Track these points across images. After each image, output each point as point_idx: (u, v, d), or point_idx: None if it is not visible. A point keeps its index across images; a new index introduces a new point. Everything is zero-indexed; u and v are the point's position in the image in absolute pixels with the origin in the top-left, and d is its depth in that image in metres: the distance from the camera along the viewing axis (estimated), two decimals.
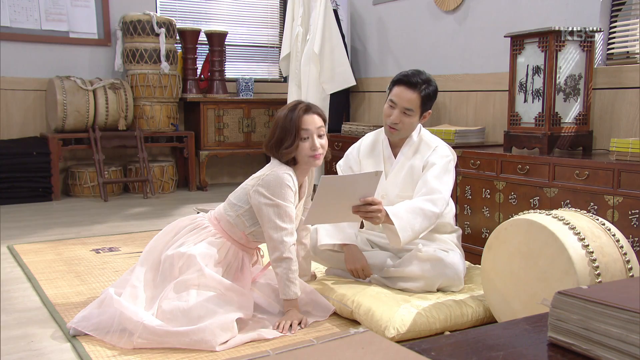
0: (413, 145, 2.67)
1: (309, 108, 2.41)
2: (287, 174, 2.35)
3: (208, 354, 2.09)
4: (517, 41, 3.33)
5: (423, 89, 2.58)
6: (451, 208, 2.74)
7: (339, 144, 4.64)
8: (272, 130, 2.43)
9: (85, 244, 3.67)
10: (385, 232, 2.44)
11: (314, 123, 2.38)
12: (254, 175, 2.43)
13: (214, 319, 2.16)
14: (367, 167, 2.77)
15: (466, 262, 2.81)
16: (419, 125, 2.71)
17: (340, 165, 2.85)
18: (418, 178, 2.60)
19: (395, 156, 2.71)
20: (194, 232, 2.43)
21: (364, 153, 2.80)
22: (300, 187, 2.48)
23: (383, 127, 2.74)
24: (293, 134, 2.36)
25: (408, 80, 2.58)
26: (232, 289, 2.30)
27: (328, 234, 2.67)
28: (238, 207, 2.41)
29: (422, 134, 2.70)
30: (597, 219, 2.06)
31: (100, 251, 3.49)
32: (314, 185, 2.57)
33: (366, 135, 2.86)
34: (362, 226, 2.88)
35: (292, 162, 2.41)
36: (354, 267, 2.62)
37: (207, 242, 2.38)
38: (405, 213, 2.38)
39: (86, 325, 2.22)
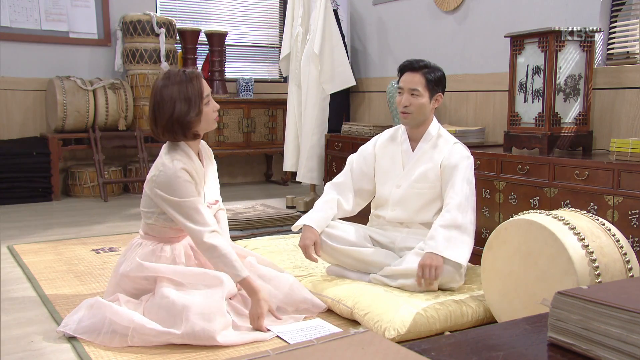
0: (431, 140, 2.75)
1: (199, 74, 2.43)
2: (181, 170, 2.32)
3: (208, 353, 2.09)
4: (517, 41, 3.33)
5: (426, 72, 2.70)
6: None
7: (339, 144, 4.63)
8: (165, 107, 2.34)
9: (85, 244, 3.67)
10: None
11: (209, 88, 2.46)
12: (147, 179, 2.43)
13: (199, 309, 2.14)
14: (382, 159, 2.83)
15: None
16: (438, 124, 2.79)
17: (353, 158, 2.89)
18: (434, 173, 2.68)
19: (413, 150, 2.77)
20: (132, 251, 2.43)
21: (380, 146, 2.86)
22: (197, 154, 2.49)
23: (399, 124, 2.85)
24: (198, 102, 2.37)
25: (410, 65, 2.73)
26: (202, 273, 2.31)
27: (304, 217, 2.73)
28: (150, 213, 2.42)
29: (440, 131, 2.78)
30: (597, 219, 2.06)
31: (100, 251, 3.49)
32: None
33: (385, 131, 2.94)
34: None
35: (191, 137, 2.41)
36: (302, 243, 2.65)
37: (150, 251, 2.39)
38: (443, 241, 2.50)
39: (76, 328, 2.21)
